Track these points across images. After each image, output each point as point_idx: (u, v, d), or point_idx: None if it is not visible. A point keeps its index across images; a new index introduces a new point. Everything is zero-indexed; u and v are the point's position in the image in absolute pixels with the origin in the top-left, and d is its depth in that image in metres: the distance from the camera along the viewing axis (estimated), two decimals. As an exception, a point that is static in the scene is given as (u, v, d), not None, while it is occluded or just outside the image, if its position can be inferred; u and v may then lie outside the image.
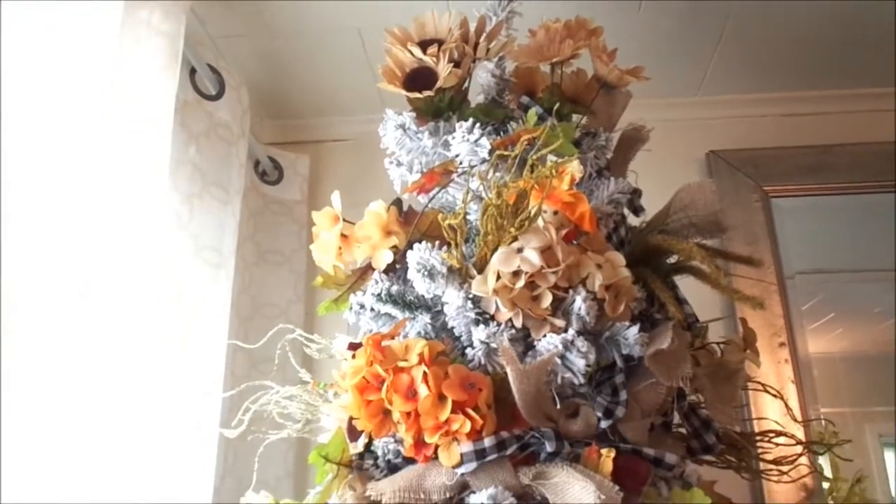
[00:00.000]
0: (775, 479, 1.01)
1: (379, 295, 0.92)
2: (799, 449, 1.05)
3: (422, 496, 0.76)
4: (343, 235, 0.99)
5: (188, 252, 1.21)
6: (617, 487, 0.71)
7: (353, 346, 0.93)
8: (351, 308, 0.99)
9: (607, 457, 0.73)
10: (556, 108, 0.96)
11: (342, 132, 1.82)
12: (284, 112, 1.80)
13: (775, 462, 1.03)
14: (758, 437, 1.02)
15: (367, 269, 1.02)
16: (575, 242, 0.87)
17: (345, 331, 1.13)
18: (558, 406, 0.78)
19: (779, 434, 1.01)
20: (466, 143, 0.92)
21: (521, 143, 0.75)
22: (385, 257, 0.96)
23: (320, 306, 1.02)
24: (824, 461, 1.14)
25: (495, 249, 0.83)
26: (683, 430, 0.95)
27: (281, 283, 1.58)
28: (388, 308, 0.95)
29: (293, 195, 1.67)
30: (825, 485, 1.49)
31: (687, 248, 0.83)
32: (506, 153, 0.78)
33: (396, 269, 1.01)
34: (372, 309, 0.97)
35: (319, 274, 1.03)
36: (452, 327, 0.88)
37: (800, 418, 1.35)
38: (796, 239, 1.66)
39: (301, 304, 1.59)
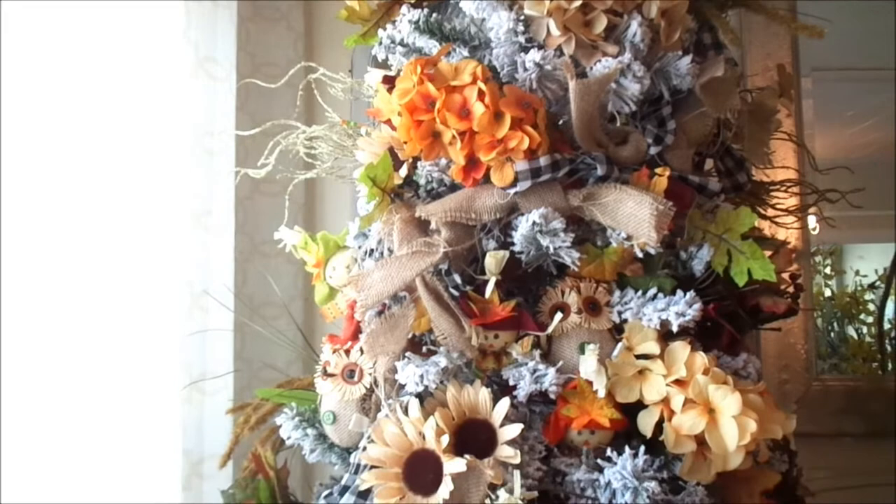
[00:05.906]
0: (788, 227, 1.05)
1: (417, 23, 0.87)
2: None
3: (472, 216, 0.76)
4: (369, -40, 0.92)
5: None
6: (670, 203, 0.72)
7: (388, 80, 0.90)
8: (381, 42, 0.93)
9: (661, 175, 0.74)
10: None
11: None
12: None
13: (788, 211, 1.06)
14: (775, 186, 1.05)
15: (395, 3, 0.96)
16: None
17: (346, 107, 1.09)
18: (619, 124, 0.77)
19: (797, 183, 1.04)
20: None
21: None
22: (420, -19, 0.89)
23: (347, 39, 0.96)
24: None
25: (549, -33, 0.78)
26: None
27: (280, 41, 1.49)
28: (424, 41, 0.90)
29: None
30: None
31: (752, -33, 0.79)
32: None
33: (424, 5, 0.95)
34: (403, 44, 0.92)
35: (343, 7, 0.96)
36: (492, 63, 0.85)
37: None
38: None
39: (302, 62, 1.51)
